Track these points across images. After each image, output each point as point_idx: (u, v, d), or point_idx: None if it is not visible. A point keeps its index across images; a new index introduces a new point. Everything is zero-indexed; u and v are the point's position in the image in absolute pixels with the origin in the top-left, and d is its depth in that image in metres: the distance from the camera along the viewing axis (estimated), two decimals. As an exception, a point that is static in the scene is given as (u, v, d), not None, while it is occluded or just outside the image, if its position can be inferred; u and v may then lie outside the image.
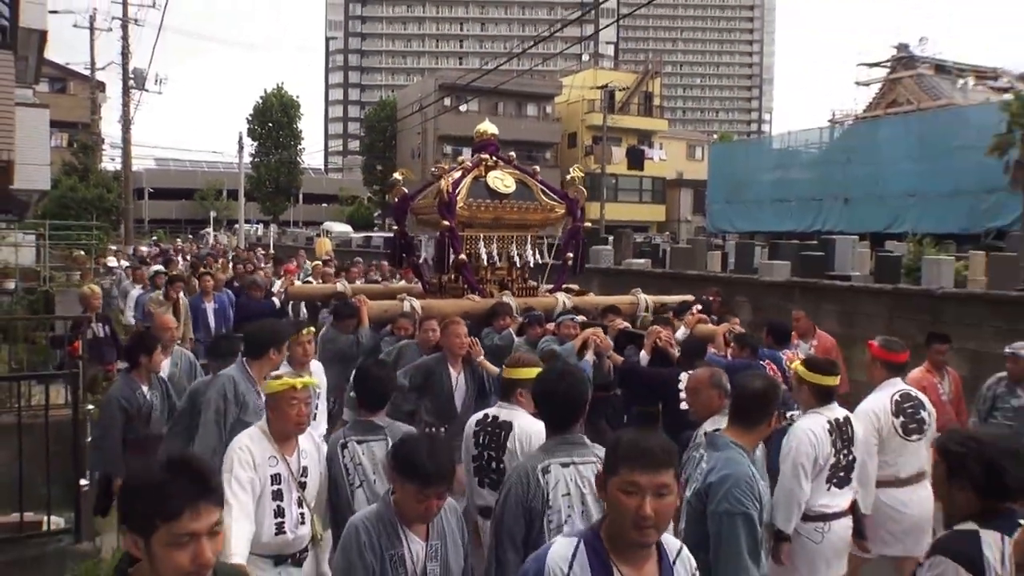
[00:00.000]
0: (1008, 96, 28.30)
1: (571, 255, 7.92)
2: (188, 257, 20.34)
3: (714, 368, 4.14)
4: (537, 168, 8.31)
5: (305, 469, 3.43)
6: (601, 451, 2.89)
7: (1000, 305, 9.12)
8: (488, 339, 6.33)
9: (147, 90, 28.49)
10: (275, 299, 10.14)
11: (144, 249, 24.29)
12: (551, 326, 6.54)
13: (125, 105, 27.91)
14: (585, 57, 74.25)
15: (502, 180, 7.52)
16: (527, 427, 3.74)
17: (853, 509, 4.24)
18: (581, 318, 6.38)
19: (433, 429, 5.18)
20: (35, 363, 8.09)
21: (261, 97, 49.71)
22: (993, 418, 5.82)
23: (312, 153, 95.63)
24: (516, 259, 7.66)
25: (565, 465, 2.98)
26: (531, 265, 7.90)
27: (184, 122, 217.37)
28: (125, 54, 27.28)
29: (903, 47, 39.53)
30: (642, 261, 17.28)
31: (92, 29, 27.44)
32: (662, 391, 5.51)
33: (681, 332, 6.75)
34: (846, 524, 4.17)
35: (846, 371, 7.31)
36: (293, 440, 3.40)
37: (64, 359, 7.83)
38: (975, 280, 12.33)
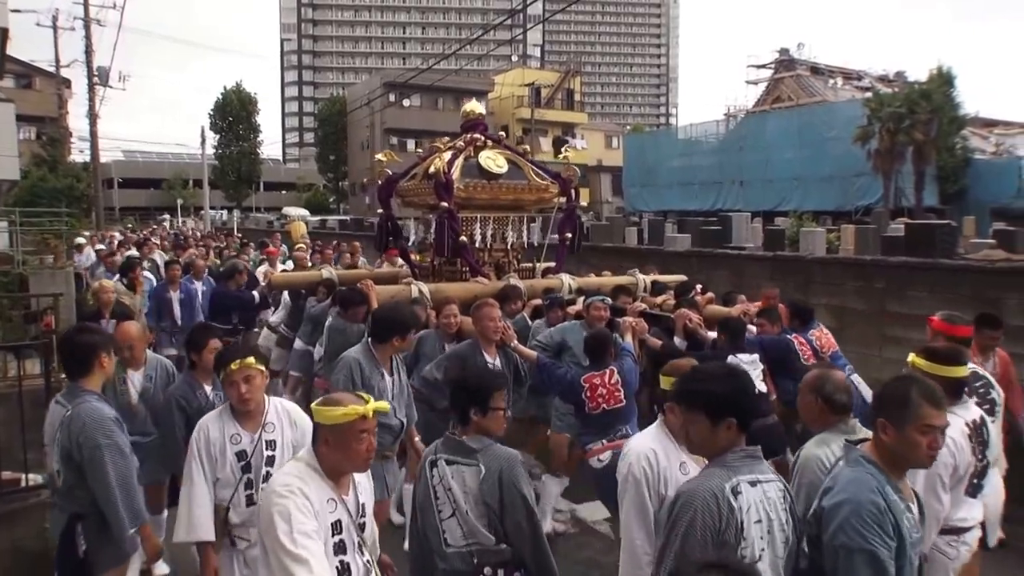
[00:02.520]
0: (869, 94, 29.36)
1: (569, 235, 7.06)
2: (166, 243, 18.99)
3: (826, 371, 3.01)
4: (528, 148, 7.37)
5: (363, 507, 2.51)
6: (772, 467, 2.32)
7: (857, 267, 9.63)
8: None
9: (111, 86, 27.08)
10: (255, 291, 8.56)
11: (116, 234, 22.94)
12: (572, 309, 5.67)
13: (91, 101, 26.56)
14: (514, 58, 73.71)
15: (494, 160, 6.62)
16: (630, 443, 3.03)
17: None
18: (609, 300, 5.35)
19: None
20: (10, 339, 7.70)
21: (221, 94, 48.20)
22: None
23: (271, 145, 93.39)
24: (512, 240, 6.80)
25: (753, 484, 2.19)
26: (527, 246, 7.13)
27: (149, 117, 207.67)
28: (88, 52, 25.87)
29: (784, 51, 40.39)
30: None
31: (55, 28, 25.81)
32: None
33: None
34: (977, 535, 3.33)
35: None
36: (349, 475, 2.46)
37: (39, 333, 7.46)
38: (846, 249, 12.87)
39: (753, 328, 5.71)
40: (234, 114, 47.72)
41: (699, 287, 6.63)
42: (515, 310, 5.66)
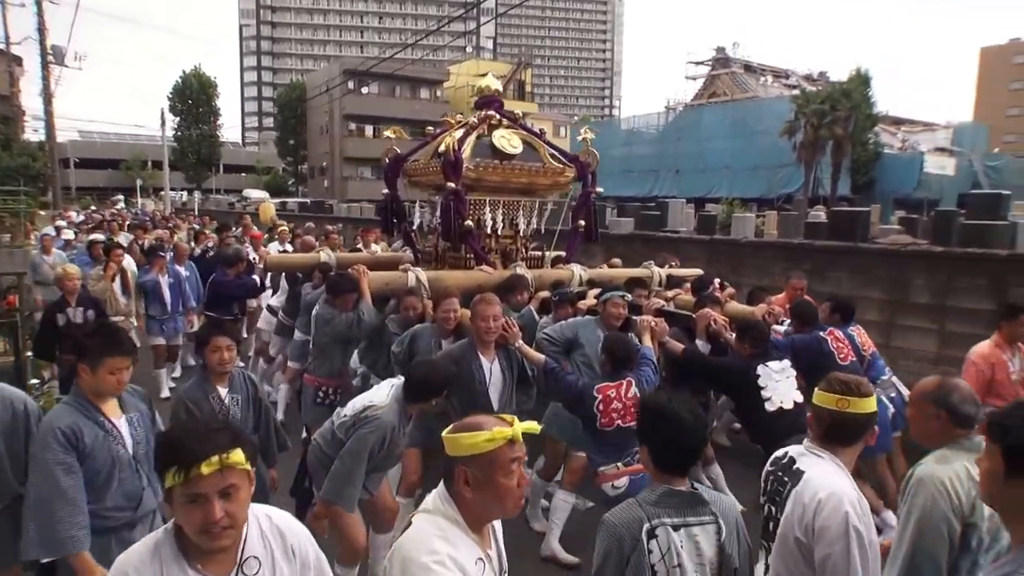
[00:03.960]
0: (796, 92, 30.12)
1: (583, 222, 6.24)
2: (125, 224, 17.13)
3: (948, 379, 2.34)
4: (544, 129, 6.45)
5: (504, 563, 1.84)
6: (719, 507, 1.97)
7: (786, 250, 9.92)
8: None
9: (67, 66, 25.51)
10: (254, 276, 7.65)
11: (73, 214, 21.47)
12: (585, 304, 4.81)
13: (45, 79, 24.99)
14: (469, 49, 72.77)
15: (508, 140, 5.79)
16: (821, 484, 2.08)
17: None
18: (629, 296, 4.48)
19: None
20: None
21: (180, 77, 46.25)
22: None
23: (230, 128, 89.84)
24: (522, 226, 5.91)
25: (676, 528, 1.92)
26: (540, 232, 6.24)
27: (107, 98, 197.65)
28: (41, 30, 24.34)
29: (721, 50, 41.02)
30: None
31: (3, 3, 24.15)
32: (740, 390, 4.10)
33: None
34: None
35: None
36: (490, 523, 1.78)
37: (2, 312, 7.02)
38: (770, 233, 13.23)
39: (780, 328, 4.94)
40: (194, 97, 46.03)
41: (718, 282, 5.83)
42: (521, 302, 4.92)
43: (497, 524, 1.83)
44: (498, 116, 6.04)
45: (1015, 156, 32.83)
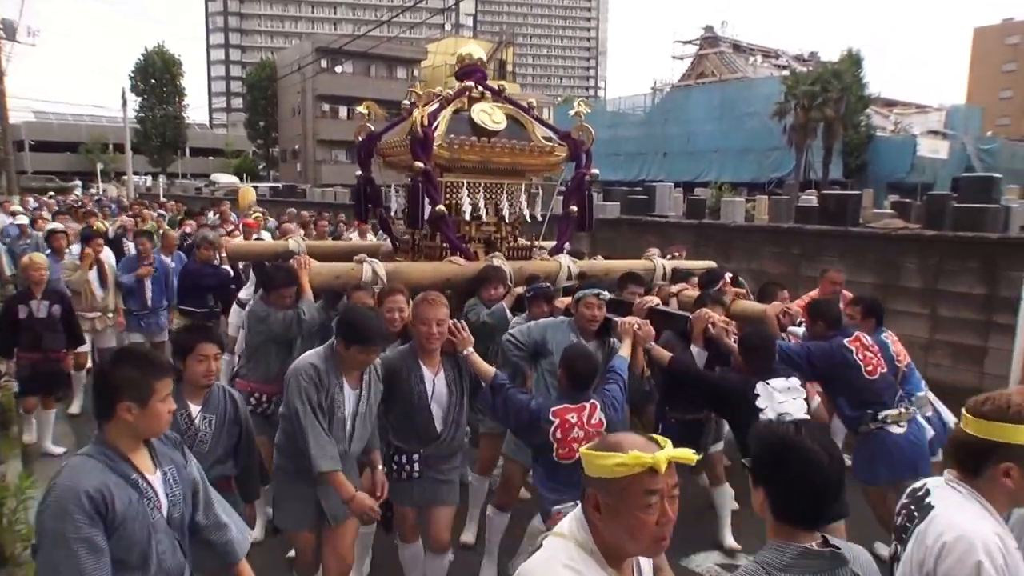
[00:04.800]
0: (786, 72, 30.31)
1: (575, 208, 5.73)
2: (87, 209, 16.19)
3: None
4: (534, 102, 6.15)
5: None
6: (862, 566, 1.62)
7: (775, 234, 10.05)
8: (473, 314, 4.36)
9: (19, 41, 24.83)
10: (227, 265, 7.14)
11: (31, 200, 20.66)
12: (564, 301, 4.42)
13: (-3, 56, 24.32)
14: (447, 27, 72.21)
15: (490, 115, 5.35)
16: (949, 524, 1.76)
17: None
18: (607, 295, 3.98)
19: (403, 459, 3.35)
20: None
21: (143, 55, 45.30)
22: None
23: (196, 109, 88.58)
24: (506, 212, 5.46)
25: None
26: (525, 220, 5.74)
27: (64, 76, 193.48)
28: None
29: (709, 28, 41.14)
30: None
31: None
32: (735, 410, 3.63)
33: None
34: None
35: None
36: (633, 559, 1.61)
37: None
38: (760, 218, 13.37)
39: (797, 331, 4.42)
40: (157, 76, 45.10)
41: (729, 276, 5.32)
42: (495, 297, 4.51)
43: (645, 562, 1.62)
44: (480, 88, 5.57)
45: (1008, 140, 33.42)
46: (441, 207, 5.00)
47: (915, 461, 3.81)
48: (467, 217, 5.25)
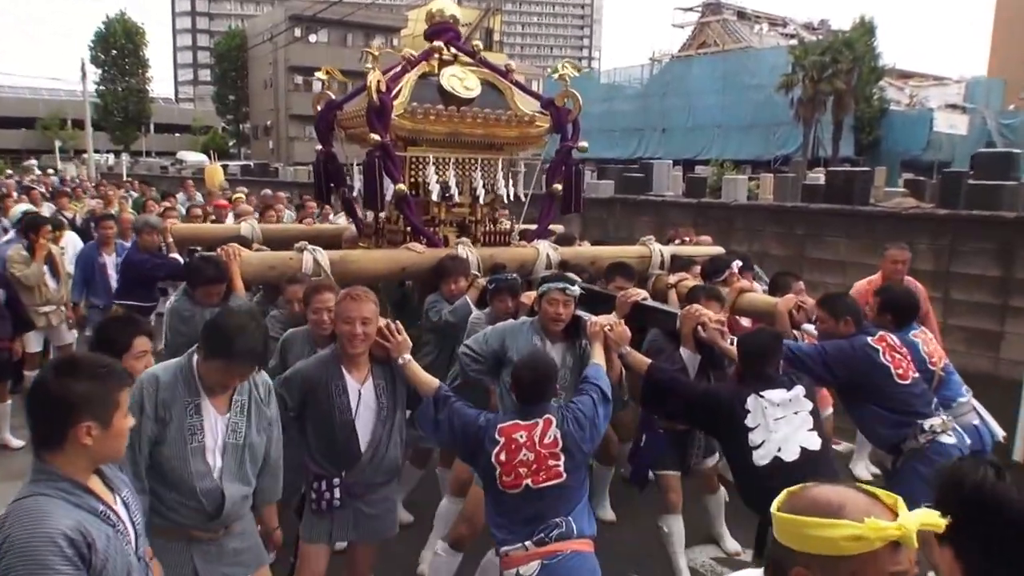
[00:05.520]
0: (794, 42, 30.26)
1: (559, 186, 5.32)
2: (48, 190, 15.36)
3: None
4: (512, 64, 5.74)
5: None
6: None
7: (779, 214, 10.05)
8: (434, 312, 4.13)
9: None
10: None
11: None
12: (529, 296, 3.84)
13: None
14: (432, -7, 71.58)
15: (461, 80, 4.99)
16: None
17: None
18: (575, 289, 3.44)
19: (322, 485, 2.95)
20: None
21: (103, 23, 44.80)
22: None
23: (161, 82, 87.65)
24: (480, 192, 5.05)
25: None
26: (506, 200, 5.37)
27: (16, 47, 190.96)
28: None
29: (712, -6, 40.94)
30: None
31: None
32: (722, 428, 3.16)
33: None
34: None
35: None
36: None
37: None
38: (765, 197, 13.35)
39: (810, 329, 3.92)
40: (118, 47, 44.71)
41: (736, 265, 4.75)
42: (456, 291, 4.22)
43: None
44: (451, 50, 5.21)
45: (1031, 114, 33.46)
46: (402, 186, 4.69)
47: None
48: (435, 197, 4.90)
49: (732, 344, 3.45)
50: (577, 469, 2.74)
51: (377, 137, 4.58)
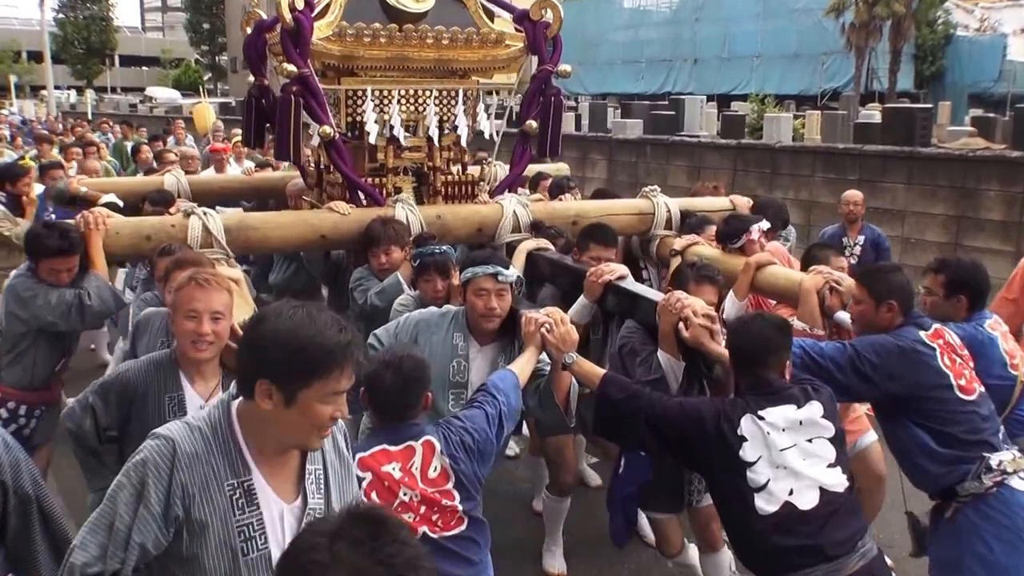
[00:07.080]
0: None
1: (534, 123, 4.68)
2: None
3: None
4: None
5: None
6: None
7: (829, 156, 9.98)
8: (360, 292, 3.70)
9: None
10: None
11: None
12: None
13: None
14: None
15: None
16: None
17: None
18: (514, 271, 3.01)
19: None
20: None
21: (59, -60, 44.28)
22: None
23: (127, 8, 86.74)
24: (435, 132, 4.46)
25: None
26: (463, 142, 4.76)
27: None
28: None
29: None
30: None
31: None
32: (705, 462, 2.54)
33: (731, 303, 3.54)
34: None
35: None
36: None
37: None
38: (811, 138, 13.23)
39: (845, 319, 3.16)
40: (77, -34, 44.28)
41: (758, 229, 3.99)
42: (387, 265, 3.71)
43: None
44: None
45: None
46: (327, 128, 4.13)
47: None
48: (372, 139, 4.33)
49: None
50: (475, 513, 2.33)
51: (292, 67, 4.03)
